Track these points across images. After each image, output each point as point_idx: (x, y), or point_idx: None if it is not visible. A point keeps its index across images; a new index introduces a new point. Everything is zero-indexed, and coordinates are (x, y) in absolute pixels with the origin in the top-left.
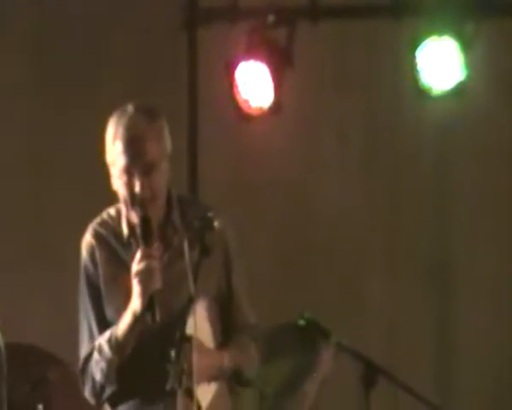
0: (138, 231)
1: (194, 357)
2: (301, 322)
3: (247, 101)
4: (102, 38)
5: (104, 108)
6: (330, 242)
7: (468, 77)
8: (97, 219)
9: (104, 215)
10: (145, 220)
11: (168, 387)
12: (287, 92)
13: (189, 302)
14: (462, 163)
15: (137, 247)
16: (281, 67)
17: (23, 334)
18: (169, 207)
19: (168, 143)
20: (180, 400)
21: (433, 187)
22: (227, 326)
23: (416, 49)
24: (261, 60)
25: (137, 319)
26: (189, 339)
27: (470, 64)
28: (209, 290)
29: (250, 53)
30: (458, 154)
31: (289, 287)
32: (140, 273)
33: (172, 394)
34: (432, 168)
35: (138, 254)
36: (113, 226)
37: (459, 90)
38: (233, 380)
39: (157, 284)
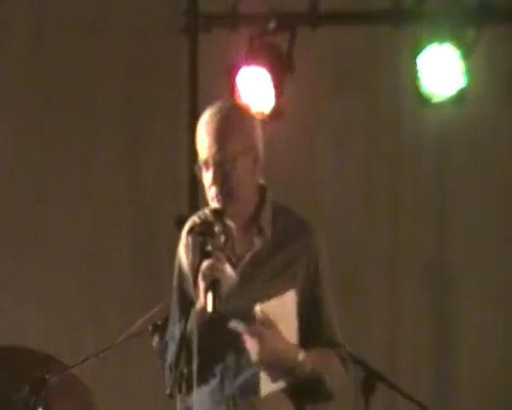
0: (210, 219)
1: (195, 363)
2: None
3: (247, 106)
4: (102, 42)
5: (103, 113)
6: (330, 247)
7: (469, 84)
8: (199, 212)
9: (206, 209)
10: (215, 212)
11: (168, 392)
12: (287, 97)
13: (190, 308)
14: (462, 169)
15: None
16: (281, 72)
17: (22, 337)
18: (259, 209)
19: (252, 141)
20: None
21: (433, 192)
22: (308, 339)
23: (416, 55)
24: (262, 65)
25: (201, 308)
26: (189, 339)
27: (470, 71)
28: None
29: (251, 58)
30: (458, 159)
31: None
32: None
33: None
34: (432, 173)
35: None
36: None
37: (459, 97)
38: (312, 390)
39: (218, 273)
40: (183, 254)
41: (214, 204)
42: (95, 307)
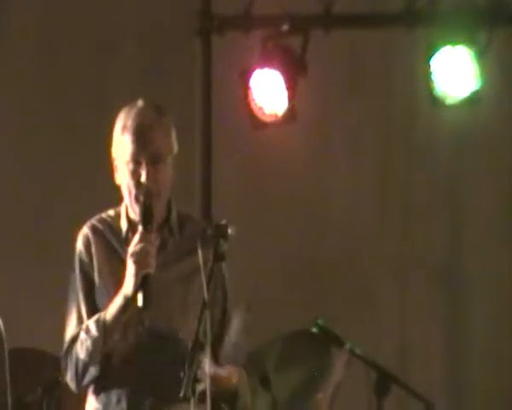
0: (139, 216)
1: (207, 364)
2: (315, 329)
3: (261, 108)
4: (115, 45)
5: (115, 114)
6: (343, 249)
7: (482, 85)
8: (96, 217)
9: (102, 214)
10: (147, 207)
11: (181, 394)
12: (301, 100)
13: (203, 308)
14: (476, 170)
15: None
16: (295, 74)
17: (36, 339)
18: (168, 211)
19: (175, 142)
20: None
21: (446, 194)
22: (215, 346)
23: (430, 57)
24: (275, 68)
25: (128, 301)
26: (201, 347)
27: (484, 72)
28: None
29: (264, 61)
30: (472, 161)
31: (303, 295)
32: (136, 254)
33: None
34: (445, 175)
35: (136, 237)
36: (110, 223)
37: (473, 99)
38: (228, 404)
39: (150, 267)
40: (84, 255)
41: (142, 199)
42: None
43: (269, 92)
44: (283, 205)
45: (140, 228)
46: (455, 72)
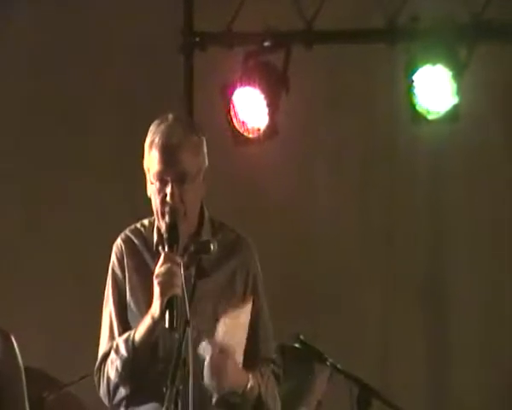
0: (164, 236)
1: (191, 380)
2: (297, 344)
3: (242, 125)
4: (98, 62)
5: (98, 131)
6: (325, 265)
7: (463, 100)
8: (131, 227)
9: (138, 224)
10: (171, 227)
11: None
12: (282, 116)
13: (185, 326)
14: (456, 186)
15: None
16: (276, 91)
17: (24, 357)
18: (199, 226)
19: (204, 159)
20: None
21: (427, 210)
22: (249, 355)
23: (411, 73)
24: (257, 84)
25: (156, 322)
26: (184, 363)
27: (464, 89)
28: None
29: (246, 77)
30: (452, 177)
31: (286, 310)
32: (160, 275)
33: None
34: (426, 191)
35: (161, 258)
36: (144, 235)
37: (453, 115)
38: None
39: (176, 289)
40: (118, 269)
41: (167, 219)
42: (95, 325)
43: (251, 108)
44: (265, 221)
45: (165, 248)
46: (435, 87)
